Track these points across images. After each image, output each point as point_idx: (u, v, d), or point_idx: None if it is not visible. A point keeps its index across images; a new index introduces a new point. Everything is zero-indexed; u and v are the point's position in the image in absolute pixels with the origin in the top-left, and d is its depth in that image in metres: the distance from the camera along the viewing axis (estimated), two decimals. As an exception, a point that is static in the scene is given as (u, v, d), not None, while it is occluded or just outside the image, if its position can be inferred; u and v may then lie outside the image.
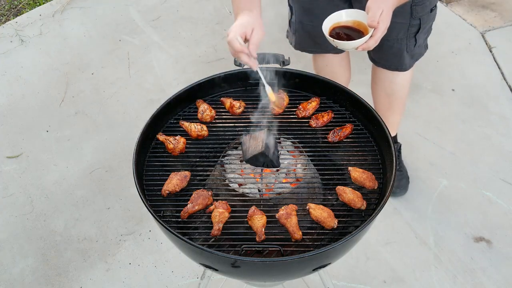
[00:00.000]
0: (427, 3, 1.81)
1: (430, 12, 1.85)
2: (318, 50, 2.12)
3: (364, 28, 1.44)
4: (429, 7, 1.83)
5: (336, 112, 1.55)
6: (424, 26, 1.87)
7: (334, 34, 1.47)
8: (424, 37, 1.97)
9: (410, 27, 1.85)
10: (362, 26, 1.44)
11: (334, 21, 1.48)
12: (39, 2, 3.95)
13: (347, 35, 1.46)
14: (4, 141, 2.81)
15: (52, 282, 2.16)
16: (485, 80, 3.03)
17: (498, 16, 3.52)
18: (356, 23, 1.46)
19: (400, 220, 2.31)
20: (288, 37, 2.15)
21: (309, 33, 1.99)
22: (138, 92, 3.09)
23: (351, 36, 1.45)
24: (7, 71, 3.28)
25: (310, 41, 2.03)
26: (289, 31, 2.11)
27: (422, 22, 1.84)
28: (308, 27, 1.96)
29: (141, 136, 1.38)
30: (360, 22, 1.45)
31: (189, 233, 1.35)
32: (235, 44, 1.34)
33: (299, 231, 1.22)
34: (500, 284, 2.07)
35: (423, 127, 2.76)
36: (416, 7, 1.79)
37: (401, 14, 1.76)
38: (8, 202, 2.49)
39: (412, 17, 1.81)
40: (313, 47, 2.08)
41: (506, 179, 2.47)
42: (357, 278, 2.11)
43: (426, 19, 1.85)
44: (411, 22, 1.83)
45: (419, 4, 1.78)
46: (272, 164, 1.34)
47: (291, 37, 2.11)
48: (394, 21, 1.41)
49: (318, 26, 1.88)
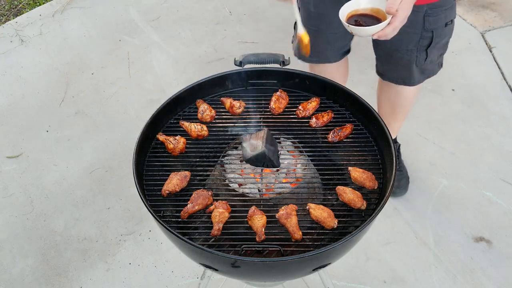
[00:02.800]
0: (441, 16, 1.71)
1: (444, 26, 1.76)
2: (315, 60, 2.04)
3: (383, 16, 1.36)
4: (443, 20, 1.73)
5: (336, 112, 1.55)
6: (437, 41, 1.78)
7: (352, 22, 1.39)
8: (438, 54, 1.87)
9: (421, 39, 1.76)
10: (381, 14, 1.37)
11: (352, 8, 1.40)
12: (39, 2, 3.95)
13: (365, 23, 1.38)
14: (4, 141, 2.81)
15: (52, 282, 2.16)
16: (485, 80, 3.03)
17: (498, 16, 3.52)
18: (375, 10, 1.39)
19: (400, 220, 2.31)
20: (292, 42, 2.02)
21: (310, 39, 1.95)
22: (138, 92, 3.09)
23: (369, 24, 1.37)
24: (7, 71, 3.28)
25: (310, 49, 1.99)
26: (294, 37, 1.99)
27: (434, 36, 1.75)
28: (310, 33, 1.93)
29: (141, 136, 1.38)
30: (379, 10, 1.37)
31: (189, 233, 1.35)
32: None
33: (299, 231, 1.22)
34: (500, 284, 2.07)
35: (423, 127, 2.76)
36: (429, 18, 1.70)
37: (413, 24, 1.67)
38: (8, 202, 2.49)
39: (425, 28, 1.72)
40: (312, 55, 1.96)
41: (506, 179, 2.47)
42: (357, 278, 2.11)
43: (439, 33, 1.76)
44: (423, 34, 1.75)
45: (433, 15, 1.70)
46: (272, 164, 1.34)
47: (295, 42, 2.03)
48: (405, 30, 1.35)
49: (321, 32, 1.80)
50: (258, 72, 1.59)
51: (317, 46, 1.92)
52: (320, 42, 1.91)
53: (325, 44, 1.88)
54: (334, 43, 1.97)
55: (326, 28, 1.87)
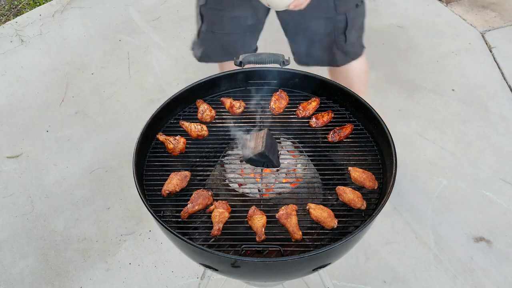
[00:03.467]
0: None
1: (356, 7, 1.85)
2: (228, 58, 2.04)
3: None
4: (353, 2, 1.83)
5: (336, 112, 1.55)
6: (352, 23, 1.86)
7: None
8: (356, 35, 1.95)
9: (337, 23, 1.85)
10: None
11: None
12: (39, 2, 3.95)
13: None
14: (4, 141, 2.81)
15: (52, 282, 2.16)
16: (485, 80, 3.03)
17: (498, 16, 3.52)
18: None
19: (400, 220, 2.31)
20: (193, 49, 2.09)
21: (220, 42, 1.97)
22: (138, 92, 3.09)
23: None
24: (7, 71, 3.28)
25: (220, 51, 2.01)
26: (196, 43, 2.06)
27: (348, 18, 1.84)
28: (220, 36, 1.94)
29: (141, 136, 1.38)
30: None
31: (189, 233, 1.35)
32: None
33: (299, 231, 1.22)
34: (500, 284, 2.07)
35: (423, 127, 2.76)
36: (339, 2, 1.79)
37: (325, 9, 1.78)
38: (8, 202, 2.49)
39: (337, 12, 1.81)
40: (223, 55, 2.04)
41: (506, 179, 2.47)
42: (357, 278, 2.11)
43: (353, 15, 1.85)
44: (337, 17, 1.83)
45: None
46: (272, 164, 1.34)
47: (197, 49, 2.05)
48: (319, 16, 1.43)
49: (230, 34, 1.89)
50: (258, 72, 1.59)
51: (227, 47, 1.99)
52: (229, 43, 1.99)
53: (234, 45, 2.00)
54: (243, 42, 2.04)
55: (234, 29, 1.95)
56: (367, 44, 2.05)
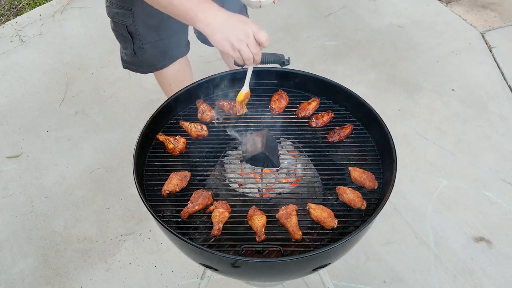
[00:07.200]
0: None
1: None
2: (169, 61, 2.09)
3: None
4: None
5: (336, 112, 1.55)
6: None
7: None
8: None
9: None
10: None
11: None
12: (39, 2, 3.95)
13: None
14: (4, 141, 2.81)
15: (52, 282, 2.16)
16: (485, 80, 3.03)
17: (498, 16, 3.53)
18: None
19: (400, 220, 2.31)
20: (130, 69, 2.11)
21: (160, 49, 1.98)
22: (138, 92, 3.08)
23: None
24: (7, 71, 3.28)
25: (161, 57, 2.03)
26: (132, 62, 2.06)
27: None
28: (159, 43, 1.95)
29: (141, 136, 1.38)
30: None
31: (189, 233, 1.35)
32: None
33: (299, 231, 1.22)
34: (500, 284, 2.07)
35: (423, 127, 2.76)
36: None
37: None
38: (8, 202, 2.49)
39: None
40: (165, 60, 2.06)
41: (506, 179, 2.47)
42: (357, 278, 2.11)
43: None
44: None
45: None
46: (272, 164, 1.34)
47: (138, 65, 2.06)
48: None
49: (167, 38, 1.93)
50: (258, 72, 1.59)
51: (167, 52, 2.01)
52: (169, 47, 2.01)
53: (174, 48, 2.04)
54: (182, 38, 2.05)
55: (171, 34, 1.96)
56: (367, 44, 2.05)
